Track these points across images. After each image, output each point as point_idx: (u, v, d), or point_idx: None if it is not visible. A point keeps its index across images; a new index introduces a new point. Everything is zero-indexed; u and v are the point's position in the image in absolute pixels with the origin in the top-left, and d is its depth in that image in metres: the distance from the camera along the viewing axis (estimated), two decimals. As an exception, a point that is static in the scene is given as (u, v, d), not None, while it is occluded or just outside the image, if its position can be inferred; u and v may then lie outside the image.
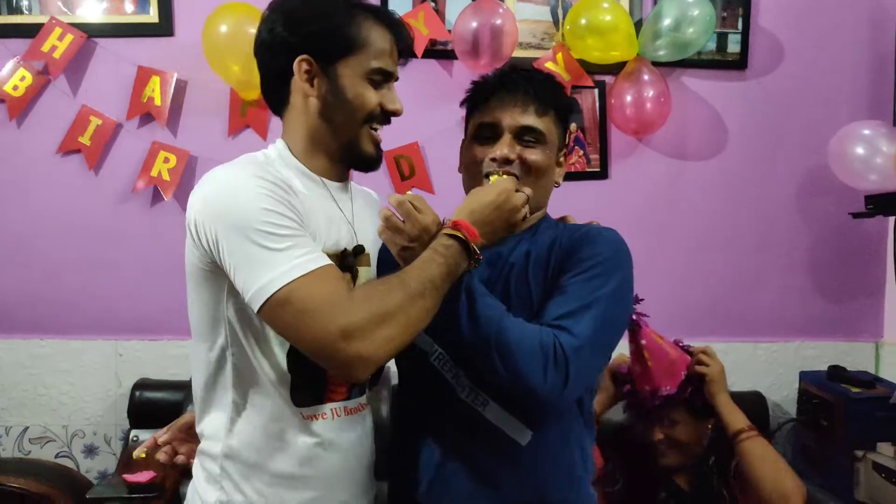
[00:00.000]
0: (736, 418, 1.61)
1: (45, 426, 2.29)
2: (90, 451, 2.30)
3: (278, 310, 0.98)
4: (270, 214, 1.00)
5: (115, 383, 2.28)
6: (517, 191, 1.13)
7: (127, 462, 2.08)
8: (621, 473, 1.70)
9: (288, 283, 0.97)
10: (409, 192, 1.12)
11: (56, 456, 2.28)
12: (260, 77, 1.19)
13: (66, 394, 2.28)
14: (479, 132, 1.23)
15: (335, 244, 1.14)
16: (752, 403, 2.31)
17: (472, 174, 1.23)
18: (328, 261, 1.02)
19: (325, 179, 1.19)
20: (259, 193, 1.01)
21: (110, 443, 2.30)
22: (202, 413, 1.17)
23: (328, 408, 1.14)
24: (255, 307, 1.00)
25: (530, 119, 1.20)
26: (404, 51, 1.19)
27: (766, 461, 1.55)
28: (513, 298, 1.17)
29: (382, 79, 1.15)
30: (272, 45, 1.14)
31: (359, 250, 1.18)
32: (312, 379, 1.11)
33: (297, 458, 1.12)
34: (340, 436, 1.15)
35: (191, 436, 1.23)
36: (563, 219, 1.33)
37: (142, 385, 2.18)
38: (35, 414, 2.28)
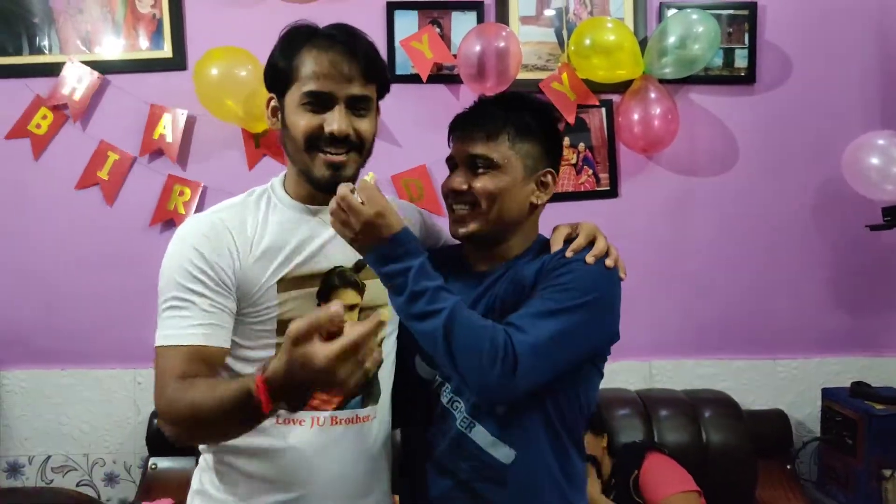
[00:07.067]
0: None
1: (67, 455, 2.32)
2: (110, 479, 2.32)
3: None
4: (177, 285, 1.12)
5: (134, 411, 2.31)
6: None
7: (146, 489, 2.11)
8: None
9: (158, 346, 1.12)
10: (368, 175, 1.09)
11: (77, 484, 2.31)
12: None
13: (87, 422, 2.32)
14: (448, 164, 1.27)
15: (311, 267, 1.18)
16: (775, 422, 2.27)
17: (447, 204, 1.27)
18: (196, 341, 1.10)
19: (311, 206, 1.23)
20: (179, 263, 1.13)
21: (130, 471, 2.32)
22: None
23: (308, 416, 1.16)
24: None
25: (477, 148, 1.20)
26: (353, 61, 1.14)
27: None
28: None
29: (318, 101, 1.14)
30: None
31: (360, 265, 1.21)
32: None
33: (266, 462, 1.16)
34: (319, 444, 1.17)
35: None
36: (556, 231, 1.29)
37: (160, 413, 2.21)
38: (57, 443, 2.32)
